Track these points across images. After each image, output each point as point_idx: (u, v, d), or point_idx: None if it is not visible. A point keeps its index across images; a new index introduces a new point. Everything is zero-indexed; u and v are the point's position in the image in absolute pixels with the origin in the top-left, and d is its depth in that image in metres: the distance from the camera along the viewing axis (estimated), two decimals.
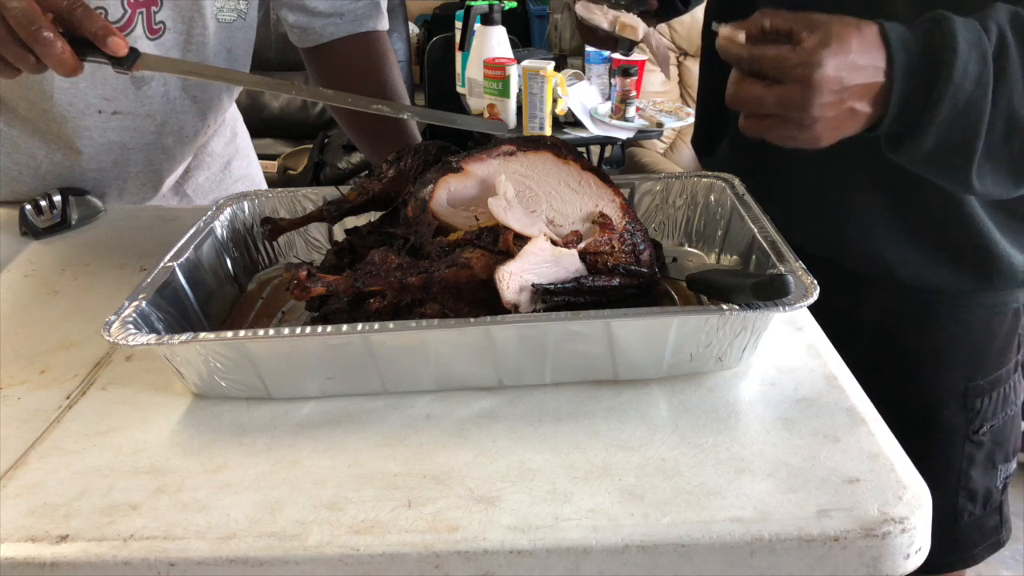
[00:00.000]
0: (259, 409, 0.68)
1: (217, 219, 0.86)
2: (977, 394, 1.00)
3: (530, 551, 0.53)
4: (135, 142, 1.11)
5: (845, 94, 0.67)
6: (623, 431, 0.63)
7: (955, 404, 1.00)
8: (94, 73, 1.03)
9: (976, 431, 1.01)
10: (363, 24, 1.16)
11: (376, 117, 1.18)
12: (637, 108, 2.53)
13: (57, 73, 0.77)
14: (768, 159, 0.99)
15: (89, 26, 0.77)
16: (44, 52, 0.75)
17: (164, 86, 1.08)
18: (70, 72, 0.77)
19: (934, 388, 1.00)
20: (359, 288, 0.67)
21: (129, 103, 1.07)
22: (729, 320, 0.65)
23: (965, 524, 1.04)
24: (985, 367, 1.00)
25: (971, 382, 0.99)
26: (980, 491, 1.03)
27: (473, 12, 2.78)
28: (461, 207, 0.75)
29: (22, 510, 0.58)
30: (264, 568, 0.54)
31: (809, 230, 0.97)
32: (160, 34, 1.04)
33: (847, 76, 0.66)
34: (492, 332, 0.64)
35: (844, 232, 0.97)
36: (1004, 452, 1.04)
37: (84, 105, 1.05)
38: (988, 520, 1.05)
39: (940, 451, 1.01)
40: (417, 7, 4.15)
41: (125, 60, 0.78)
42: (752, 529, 0.54)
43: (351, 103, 0.87)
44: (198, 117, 1.15)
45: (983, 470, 1.02)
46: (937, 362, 1.00)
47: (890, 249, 0.95)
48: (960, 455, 1.01)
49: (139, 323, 0.67)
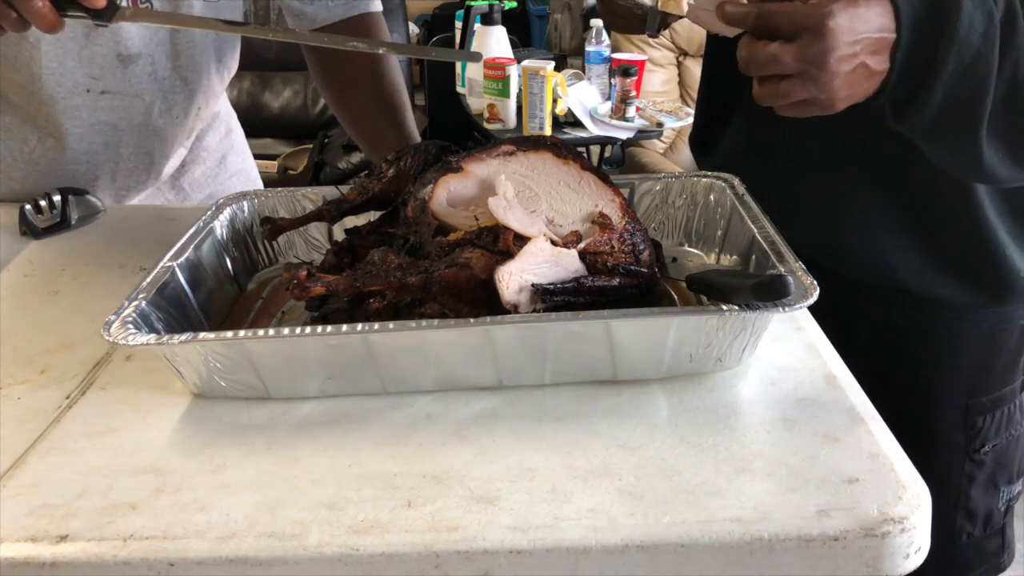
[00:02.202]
0: (259, 409, 0.68)
1: (217, 219, 0.86)
2: (979, 412, 0.97)
3: (530, 551, 0.53)
4: (125, 123, 1.11)
5: (858, 47, 0.65)
6: (623, 431, 0.63)
7: (955, 421, 0.97)
8: (81, 51, 1.04)
9: (977, 450, 0.98)
10: (355, 6, 1.16)
11: (376, 118, 1.19)
12: (637, 108, 2.53)
13: (38, 28, 0.78)
14: (767, 163, 0.98)
15: None
16: (24, 6, 0.76)
17: (152, 65, 1.08)
18: (50, 27, 0.78)
19: (933, 403, 0.98)
20: (359, 288, 0.67)
21: (117, 82, 1.08)
22: (729, 321, 0.65)
23: (963, 545, 1.01)
24: (988, 385, 0.97)
25: (973, 399, 0.97)
26: (980, 512, 1.00)
27: (473, 12, 2.78)
28: (461, 207, 0.75)
29: (22, 510, 0.58)
30: (264, 568, 0.54)
31: (808, 236, 0.95)
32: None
33: (859, 26, 0.65)
34: (492, 332, 0.64)
35: (846, 238, 0.95)
36: (1008, 473, 1.01)
37: (72, 84, 1.06)
38: (989, 543, 1.02)
39: (938, 468, 0.97)
40: (417, 7, 4.15)
41: (104, 13, 0.80)
42: (752, 529, 0.54)
43: (327, 42, 0.90)
44: (188, 98, 1.16)
45: (984, 490, 1.00)
46: (937, 377, 0.97)
47: (896, 257, 0.93)
48: (959, 473, 0.98)
49: (139, 323, 0.67)
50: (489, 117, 2.54)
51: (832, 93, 0.67)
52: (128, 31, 1.03)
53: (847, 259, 0.96)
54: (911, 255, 0.92)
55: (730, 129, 1.04)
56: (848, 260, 0.96)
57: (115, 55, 1.03)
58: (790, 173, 0.97)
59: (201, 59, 1.12)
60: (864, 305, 0.98)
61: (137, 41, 1.05)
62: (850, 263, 0.96)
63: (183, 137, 1.20)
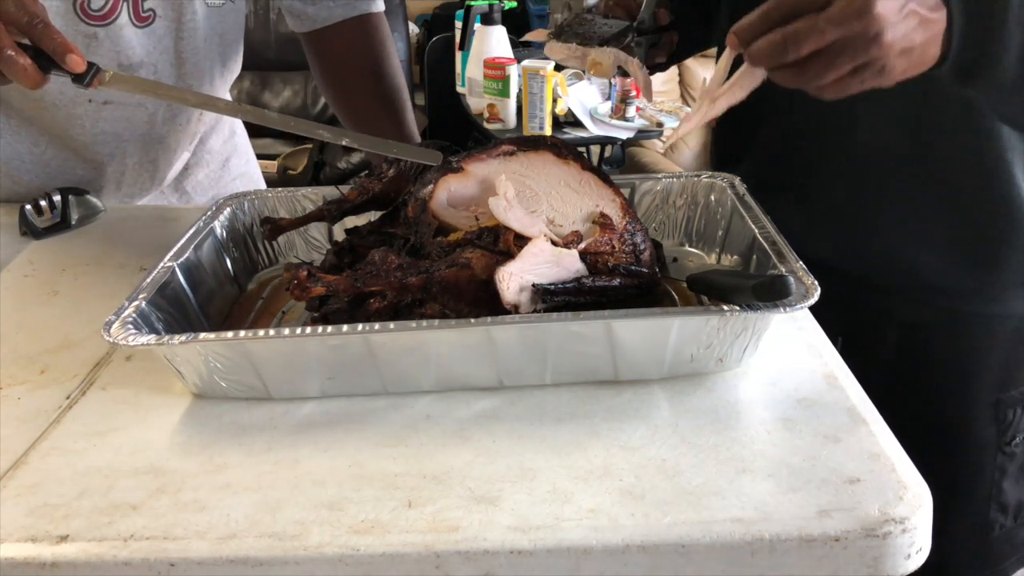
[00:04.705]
0: (259, 409, 0.68)
1: (217, 219, 0.86)
2: (1010, 405, 0.97)
3: (530, 551, 0.53)
4: (129, 132, 1.11)
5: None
6: (623, 431, 0.63)
7: (987, 416, 0.98)
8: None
9: (1008, 442, 0.99)
10: (356, 7, 1.16)
11: (376, 118, 1.19)
12: (637, 108, 2.54)
13: (22, 86, 0.79)
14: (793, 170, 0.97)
15: (48, 43, 0.78)
16: (7, 69, 0.77)
17: (155, 73, 1.07)
18: (34, 86, 0.79)
19: (964, 399, 0.98)
20: (359, 288, 0.67)
21: (119, 92, 1.07)
22: (730, 321, 0.65)
23: (996, 537, 1.02)
24: (1018, 378, 0.97)
25: (1004, 392, 0.97)
26: (1012, 503, 1.01)
27: (473, 12, 2.78)
28: (461, 207, 0.75)
29: (22, 510, 0.58)
30: (264, 568, 0.54)
31: (836, 239, 0.94)
32: (150, 21, 1.04)
33: None
34: (493, 332, 0.64)
35: (874, 239, 0.94)
36: None
37: (74, 94, 1.05)
38: (1020, 533, 1.03)
39: (971, 462, 0.99)
40: (417, 7, 4.14)
41: (84, 76, 0.81)
42: (753, 529, 0.54)
43: (293, 127, 0.86)
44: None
45: (1015, 482, 1.00)
46: (967, 373, 0.97)
47: (925, 255, 0.92)
48: (992, 467, 0.99)
49: (139, 323, 0.67)
50: (489, 117, 2.54)
51: (884, 49, 0.62)
52: (129, 40, 1.02)
53: (873, 259, 0.95)
54: (940, 252, 0.92)
55: (756, 141, 1.03)
56: (874, 260, 0.95)
57: (116, 65, 1.02)
58: (817, 178, 0.96)
59: (204, 65, 1.11)
60: (890, 306, 0.97)
61: (139, 50, 1.04)
62: (876, 263, 0.95)
63: (187, 142, 1.20)
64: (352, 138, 0.86)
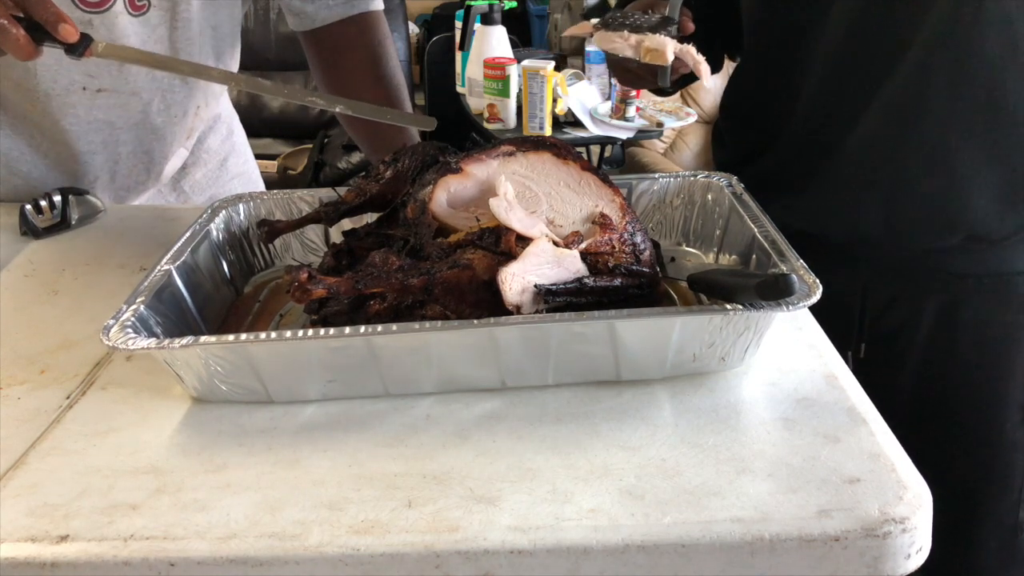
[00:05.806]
0: (260, 409, 0.68)
1: (213, 222, 0.86)
2: None
3: (530, 551, 0.53)
4: (123, 121, 1.11)
5: None
6: (624, 431, 0.63)
7: (1017, 417, 0.98)
8: None
9: None
10: (355, 5, 1.16)
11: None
12: (637, 108, 2.53)
13: (15, 58, 0.80)
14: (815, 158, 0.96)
15: (41, 13, 0.79)
16: (2, 38, 0.78)
17: None
18: (27, 57, 0.80)
19: (994, 401, 0.98)
20: (360, 290, 0.67)
21: (113, 80, 1.07)
22: (733, 320, 0.65)
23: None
24: None
25: None
26: None
27: (473, 12, 2.78)
28: (461, 208, 0.74)
29: (22, 510, 0.58)
30: (264, 568, 0.54)
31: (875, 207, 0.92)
32: (144, 11, 1.04)
33: None
34: (495, 333, 0.64)
35: (918, 197, 0.92)
36: None
37: (68, 82, 1.05)
38: None
39: (1001, 466, 0.99)
40: (417, 7, 4.15)
41: (77, 46, 0.81)
42: (752, 529, 0.54)
43: (286, 95, 0.91)
44: (187, 96, 1.15)
45: None
46: (997, 375, 0.98)
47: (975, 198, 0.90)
48: (1021, 469, 1.00)
49: (138, 327, 0.67)
50: (489, 117, 2.54)
51: None
52: (124, 28, 1.03)
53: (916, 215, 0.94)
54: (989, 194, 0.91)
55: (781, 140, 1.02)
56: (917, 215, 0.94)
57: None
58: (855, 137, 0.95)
59: (199, 58, 1.12)
60: (919, 307, 0.97)
61: (134, 39, 1.04)
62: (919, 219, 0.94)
63: (182, 136, 1.20)
64: (346, 104, 0.87)
